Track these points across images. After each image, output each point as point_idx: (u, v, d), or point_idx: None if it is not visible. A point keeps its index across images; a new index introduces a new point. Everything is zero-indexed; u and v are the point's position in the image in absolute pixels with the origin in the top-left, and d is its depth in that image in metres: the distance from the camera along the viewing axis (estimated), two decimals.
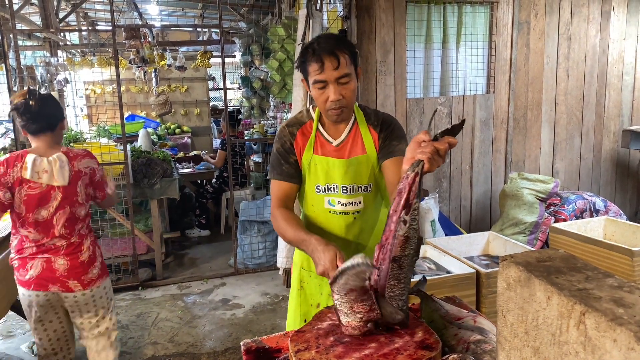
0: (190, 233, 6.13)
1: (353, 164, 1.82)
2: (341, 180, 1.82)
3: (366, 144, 1.84)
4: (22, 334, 3.77)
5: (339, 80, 1.68)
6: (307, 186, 1.87)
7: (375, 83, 4.71)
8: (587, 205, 4.59)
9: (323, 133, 1.86)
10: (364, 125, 1.85)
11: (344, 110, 1.75)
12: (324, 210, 1.86)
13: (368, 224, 1.90)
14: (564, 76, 5.29)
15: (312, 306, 1.96)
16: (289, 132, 1.86)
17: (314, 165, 1.84)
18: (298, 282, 1.99)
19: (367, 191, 1.86)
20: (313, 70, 1.69)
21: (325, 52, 1.66)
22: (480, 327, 1.31)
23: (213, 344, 3.57)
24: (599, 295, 0.69)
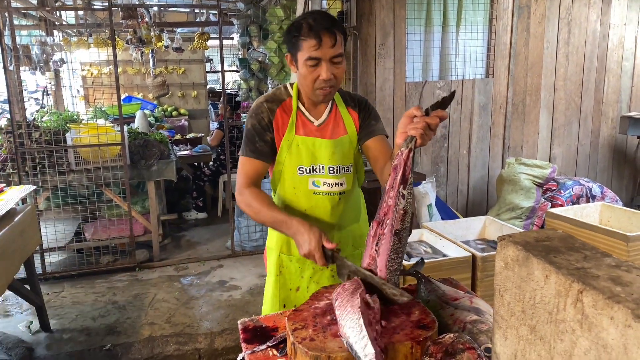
0: (188, 215, 6.14)
1: (339, 144, 1.81)
2: (328, 161, 1.79)
3: (347, 124, 1.84)
4: (20, 313, 3.79)
5: (332, 59, 1.66)
6: (287, 168, 1.80)
7: (374, 66, 4.68)
8: (584, 191, 4.60)
9: (304, 112, 1.82)
10: (343, 107, 1.85)
11: (332, 90, 1.72)
12: (308, 192, 1.81)
13: (350, 203, 1.90)
14: (563, 61, 5.27)
15: (292, 290, 1.91)
16: (268, 109, 1.78)
17: (297, 146, 1.78)
18: (276, 267, 1.92)
19: (348, 171, 1.85)
20: (309, 47, 1.63)
21: (323, 29, 1.62)
22: (477, 307, 1.32)
23: (210, 325, 3.59)
24: (597, 274, 0.69)
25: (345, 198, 1.86)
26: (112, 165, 4.46)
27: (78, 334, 3.52)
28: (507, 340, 0.83)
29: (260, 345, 1.35)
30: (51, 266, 4.51)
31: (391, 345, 1.15)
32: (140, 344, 3.38)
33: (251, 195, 1.72)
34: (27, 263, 3.38)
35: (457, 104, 5.02)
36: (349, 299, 1.22)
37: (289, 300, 1.91)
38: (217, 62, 9.45)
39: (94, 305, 3.92)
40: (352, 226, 1.94)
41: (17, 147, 4.17)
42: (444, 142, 5.07)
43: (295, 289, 1.91)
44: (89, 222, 4.78)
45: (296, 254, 1.88)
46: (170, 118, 8.96)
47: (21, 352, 3.25)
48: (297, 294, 1.89)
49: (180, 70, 9.66)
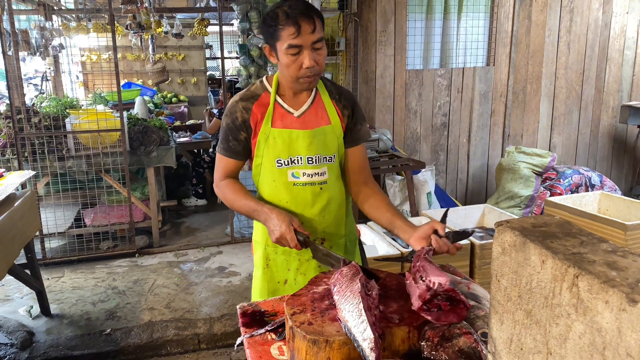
0: (187, 202, 6.14)
1: (318, 134, 1.77)
2: (306, 152, 1.76)
3: (330, 114, 1.80)
4: (20, 298, 3.81)
5: (313, 45, 1.62)
6: (265, 161, 1.79)
7: (375, 53, 4.66)
8: (583, 180, 4.61)
9: (282, 104, 1.78)
10: (326, 96, 1.81)
11: (316, 78, 1.69)
12: (288, 183, 1.80)
13: (333, 194, 1.85)
14: (564, 50, 5.24)
15: (280, 283, 1.90)
16: (243, 108, 1.77)
17: (273, 139, 1.76)
18: (263, 261, 1.92)
19: (330, 161, 1.81)
20: (288, 35, 1.59)
21: (301, 15, 1.58)
22: (474, 293, 1.33)
23: (209, 310, 3.62)
24: (593, 259, 0.70)
25: (328, 188, 1.82)
26: (112, 151, 4.45)
27: (78, 318, 3.54)
28: (504, 325, 0.84)
29: (258, 330, 1.36)
30: (51, 251, 4.52)
31: (389, 330, 1.16)
32: (140, 329, 3.41)
33: (226, 186, 1.80)
34: (27, 248, 3.39)
35: (457, 92, 5.01)
36: (348, 284, 1.23)
37: (277, 293, 1.89)
38: (217, 48, 9.40)
39: (94, 290, 3.94)
40: (338, 215, 1.91)
41: (17, 132, 4.17)
42: (444, 130, 5.06)
43: (283, 281, 1.90)
44: (89, 208, 4.79)
45: (282, 247, 1.88)
46: (170, 105, 8.93)
47: (22, 336, 3.28)
48: (285, 287, 1.89)
49: (180, 57, 9.61)
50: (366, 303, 1.14)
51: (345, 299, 1.18)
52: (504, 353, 0.84)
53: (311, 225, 1.83)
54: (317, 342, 1.12)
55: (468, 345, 1.09)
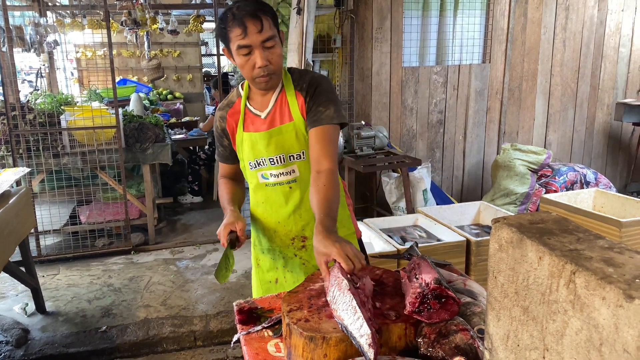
0: (183, 199, 6.13)
1: (274, 134, 1.75)
2: (266, 153, 1.76)
3: (292, 110, 1.74)
4: (15, 296, 3.80)
5: (264, 45, 1.61)
6: (245, 164, 1.85)
7: (371, 50, 4.66)
8: (578, 177, 4.62)
9: (251, 108, 1.80)
10: (291, 91, 1.75)
11: (272, 77, 1.67)
12: (260, 185, 1.84)
13: (306, 190, 1.81)
14: (560, 47, 5.25)
15: (272, 283, 1.92)
16: (220, 117, 1.85)
17: (244, 143, 1.81)
18: (255, 261, 1.99)
19: (300, 159, 1.78)
20: (235, 36, 1.59)
21: (247, 16, 1.57)
22: (470, 289, 1.33)
23: (205, 307, 3.61)
24: (590, 255, 0.70)
25: (298, 186, 1.81)
26: (107, 148, 4.44)
27: (73, 316, 3.53)
28: (500, 321, 0.84)
29: (255, 327, 1.36)
30: (46, 249, 4.51)
31: (385, 327, 1.16)
32: (136, 326, 3.40)
33: (221, 183, 1.94)
34: (22, 245, 3.38)
35: (453, 89, 5.01)
36: (336, 283, 1.22)
37: (270, 292, 1.91)
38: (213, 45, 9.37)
39: (90, 287, 3.93)
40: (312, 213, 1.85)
41: (11, 129, 4.14)
42: (439, 127, 5.07)
43: (274, 281, 1.92)
44: (84, 205, 4.77)
45: (265, 246, 1.92)
46: (166, 101, 8.89)
47: (17, 333, 3.27)
48: (276, 286, 1.91)
49: (176, 53, 9.57)
50: (358, 299, 1.14)
51: (337, 297, 1.18)
52: (500, 349, 0.84)
53: (287, 224, 1.84)
54: (314, 338, 1.12)
55: (465, 342, 1.10)
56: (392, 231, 3.35)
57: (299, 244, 1.86)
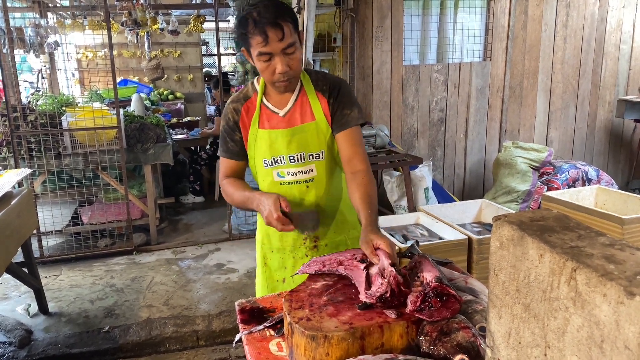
0: (185, 199, 6.13)
1: (297, 132, 1.76)
2: (287, 150, 1.77)
3: (314, 110, 1.77)
4: (18, 297, 3.80)
5: (284, 51, 1.61)
6: (256, 162, 1.84)
7: (372, 49, 4.65)
8: (580, 174, 4.62)
9: (268, 105, 1.80)
10: (312, 91, 1.78)
11: (291, 81, 1.69)
12: (275, 183, 1.83)
13: (323, 190, 1.85)
14: (561, 44, 5.25)
15: (278, 282, 1.93)
16: (233, 109, 1.82)
17: (260, 140, 1.79)
18: (262, 259, 1.97)
19: (319, 158, 1.80)
20: (256, 43, 1.59)
21: (268, 24, 1.56)
22: (472, 287, 1.33)
23: (207, 307, 3.62)
24: (591, 252, 0.70)
25: (315, 186, 1.82)
26: (109, 148, 4.44)
27: (76, 316, 3.54)
28: (502, 319, 0.84)
29: (257, 326, 1.36)
30: (49, 249, 4.52)
31: (387, 325, 1.16)
32: (139, 326, 3.40)
33: (227, 183, 1.83)
34: (25, 246, 3.39)
35: (454, 87, 5.00)
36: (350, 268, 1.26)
37: (277, 291, 1.91)
38: (213, 45, 9.37)
39: (92, 288, 3.93)
40: (327, 213, 1.89)
41: (13, 130, 4.15)
42: (441, 125, 5.06)
43: (281, 280, 1.92)
44: (86, 206, 4.77)
45: (276, 245, 1.91)
46: (167, 102, 8.90)
47: (20, 334, 3.27)
48: (283, 285, 1.91)
49: (176, 54, 9.58)
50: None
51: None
52: (502, 347, 0.84)
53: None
54: (315, 337, 1.12)
55: (466, 340, 1.10)
56: (394, 230, 3.35)
57: (310, 244, 1.87)
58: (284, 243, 1.89)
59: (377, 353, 1.12)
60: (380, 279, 1.24)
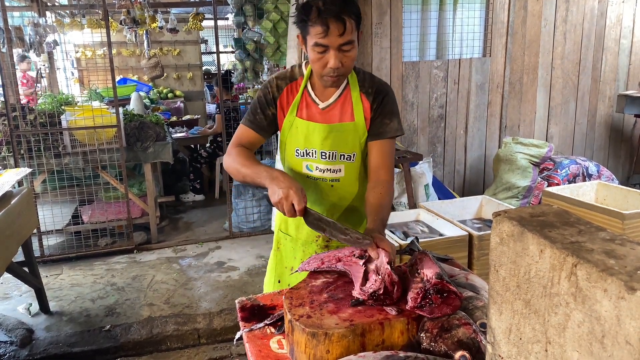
0: (185, 198, 6.13)
1: (336, 130, 1.73)
2: (320, 146, 1.74)
3: (355, 111, 1.74)
4: (19, 296, 3.80)
5: (341, 47, 1.57)
6: (288, 149, 1.81)
7: (371, 46, 4.64)
8: (580, 169, 4.61)
9: (311, 93, 1.76)
10: (356, 91, 1.74)
11: (340, 78, 1.66)
12: (302, 175, 1.81)
13: (349, 193, 1.84)
14: (561, 39, 5.23)
15: (287, 269, 1.93)
16: (277, 85, 1.77)
17: (295, 128, 1.76)
18: (276, 243, 1.98)
19: (350, 160, 1.77)
20: (315, 33, 1.55)
21: (332, 16, 1.52)
22: (472, 284, 1.33)
23: (208, 305, 3.62)
24: (591, 247, 0.69)
25: (340, 186, 1.81)
26: (108, 147, 4.44)
27: (77, 315, 3.54)
28: (502, 315, 0.84)
29: (258, 324, 1.36)
30: (49, 249, 4.52)
31: (387, 322, 1.16)
32: (140, 325, 3.41)
33: (241, 151, 1.72)
34: (25, 246, 3.39)
35: (454, 84, 5.00)
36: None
37: (283, 278, 1.94)
38: (212, 43, 9.36)
39: (93, 287, 3.94)
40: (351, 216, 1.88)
41: (12, 129, 4.15)
42: (440, 122, 5.05)
43: (289, 268, 1.93)
44: (86, 205, 4.77)
45: (291, 233, 1.90)
46: (166, 100, 8.91)
47: (21, 333, 3.27)
48: (289, 277, 1.92)
49: (175, 52, 9.57)
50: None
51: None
52: (503, 343, 0.84)
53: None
54: (316, 335, 1.12)
55: (467, 336, 1.09)
56: (394, 226, 3.35)
57: (322, 242, 1.87)
58: (299, 234, 1.89)
59: (377, 350, 1.12)
60: (374, 276, 1.24)
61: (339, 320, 1.16)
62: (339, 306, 1.22)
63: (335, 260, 1.39)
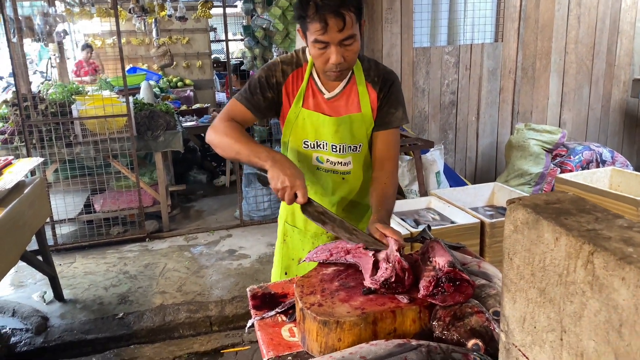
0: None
1: (344, 122, 1.70)
2: (331, 139, 1.71)
3: (362, 102, 1.71)
4: (34, 284, 3.85)
5: (342, 42, 1.52)
6: (293, 140, 1.76)
7: (381, 32, 4.60)
8: (594, 156, 4.55)
9: (317, 81, 1.71)
10: (362, 81, 1.71)
11: (343, 73, 1.62)
12: (312, 166, 1.78)
13: (356, 185, 1.82)
14: (574, 23, 5.14)
15: (294, 260, 1.91)
16: (282, 70, 1.71)
17: (302, 120, 1.72)
18: (282, 235, 1.95)
19: (356, 151, 1.76)
20: (314, 30, 1.50)
21: (330, 12, 1.46)
22: (485, 271, 1.32)
23: (220, 293, 3.64)
24: (608, 235, 0.68)
25: (351, 179, 1.79)
26: (119, 136, 4.45)
27: (91, 303, 3.58)
28: (516, 304, 0.83)
29: (269, 312, 1.36)
30: (62, 237, 4.56)
31: (399, 310, 1.15)
32: (152, 312, 3.44)
33: (233, 126, 1.64)
34: (39, 235, 3.42)
35: (465, 70, 4.94)
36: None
37: (291, 269, 1.92)
38: (221, 30, 9.32)
39: (106, 275, 3.97)
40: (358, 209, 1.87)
41: (24, 119, 4.17)
42: (452, 108, 5.01)
43: (297, 259, 1.91)
44: (98, 194, 4.81)
45: (299, 225, 1.88)
46: (176, 89, 8.90)
47: (36, 321, 3.32)
48: (297, 267, 1.90)
49: (184, 40, 9.55)
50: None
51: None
52: (517, 331, 0.83)
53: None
54: (327, 323, 1.12)
55: (480, 324, 1.09)
56: (405, 214, 3.34)
57: (332, 235, 1.85)
58: (307, 226, 1.86)
59: (389, 338, 1.12)
60: (385, 264, 1.23)
61: (351, 308, 1.16)
62: (350, 294, 1.22)
63: (344, 252, 1.38)
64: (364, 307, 1.16)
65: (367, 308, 1.15)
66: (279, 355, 1.19)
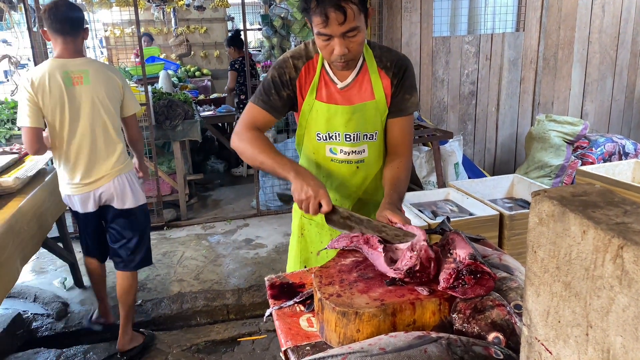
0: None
1: (358, 110, 1.69)
2: (344, 128, 1.70)
3: (375, 89, 1.70)
4: (54, 270, 3.92)
5: (345, 34, 1.52)
6: (307, 133, 1.77)
7: (401, 20, 4.55)
8: (617, 148, 4.47)
9: (329, 72, 1.71)
10: (374, 68, 1.70)
11: (350, 63, 1.62)
12: (326, 158, 1.77)
13: (372, 173, 1.81)
14: (599, 12, 5.03)
15: (313, 253, 1.91)
16: (293, 65, 1.71)
17: (315, 112, 1.72)
18: (299, 230, 1.94)
19: (372, 139, 1.75)
20: (317, 23, 1.51)
21: (330, 5, 1.46)
22: (506, 264, 1.30)
23: (237, 281, 3.66)
24: (639, 229, 0.66)
25: (365, 167, 1.78)
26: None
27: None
28: (540, 297, 0.81)
29: (287, 301, 1.36)
30: None
31: (419, 302, 1.14)
32: (170, 300, 3.48)
33: (257, 137, 1.67)
34: (59, 222, 3.47)
35: (485, 60, 4.87)
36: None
37: (310, 262, 1.92)
38: (239, 20, 9.32)
39: None
40: (376, 197, 1.85)
41: None
42: (472, 99, 4.95)
43: (315, 252, 1.91)
44: None
45: (316, 219, 1.87)
46: (194, 78, 8.93)
47: (57, 306, 3.38)
48: (317, 258, 1.89)
49: (202, 30, 9.56)
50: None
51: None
52: (540, 326, 0.81)
53: (344, 203, 1.81)
54: (346, 314, 1.11)
55: (501, 318, 1.07)
56: (423, 206, 3.31)
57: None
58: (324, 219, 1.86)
59: (408, 330, 1.11)
60: (409, 252, 1.22)
61: (369, 299, 1.15)
62: (369, 285, 1.21)
63: (364, 241, 1.37)
64: (383, 299, 1.15)
65: (386, 299, 1.14)
66: (298, 345, 1.19)
